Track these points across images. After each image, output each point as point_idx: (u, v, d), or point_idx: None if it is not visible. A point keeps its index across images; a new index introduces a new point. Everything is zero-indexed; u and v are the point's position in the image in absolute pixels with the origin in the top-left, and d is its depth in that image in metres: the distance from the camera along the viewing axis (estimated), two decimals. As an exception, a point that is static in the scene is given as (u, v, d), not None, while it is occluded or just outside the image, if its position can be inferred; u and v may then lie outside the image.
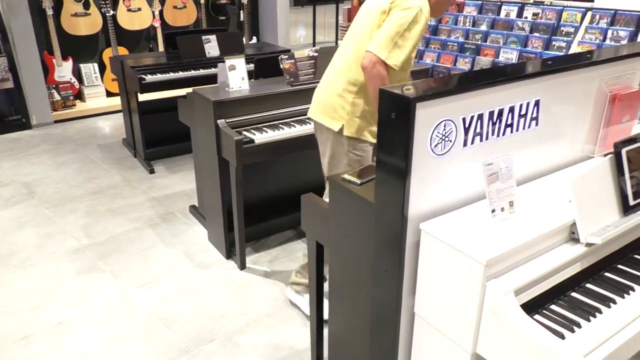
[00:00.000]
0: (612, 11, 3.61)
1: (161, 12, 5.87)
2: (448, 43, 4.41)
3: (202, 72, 4.18)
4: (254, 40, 6.77)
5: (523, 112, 1.58)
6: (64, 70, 5.44)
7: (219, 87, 2.95)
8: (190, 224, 3.45)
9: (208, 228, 3.25)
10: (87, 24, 5.42)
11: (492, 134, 1.53)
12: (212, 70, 4.17)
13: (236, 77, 2.83)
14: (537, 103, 1.60)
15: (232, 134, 2.61)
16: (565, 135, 1.75)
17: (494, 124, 1.52)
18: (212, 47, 4.30)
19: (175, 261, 3.03)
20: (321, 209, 1.88)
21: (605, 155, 1.55)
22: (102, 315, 2.58)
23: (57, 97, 5.38)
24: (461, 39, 4.34)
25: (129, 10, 5.62)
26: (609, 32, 3.57)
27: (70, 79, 5.52)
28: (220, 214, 2.94)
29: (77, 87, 5.63)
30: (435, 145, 1.41)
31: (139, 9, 5.67)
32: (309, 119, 2.45)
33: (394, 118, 1.37)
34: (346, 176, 1.75)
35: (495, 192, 1.43)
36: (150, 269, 2.96)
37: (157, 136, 4.41)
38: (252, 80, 3.19)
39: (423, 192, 1.45)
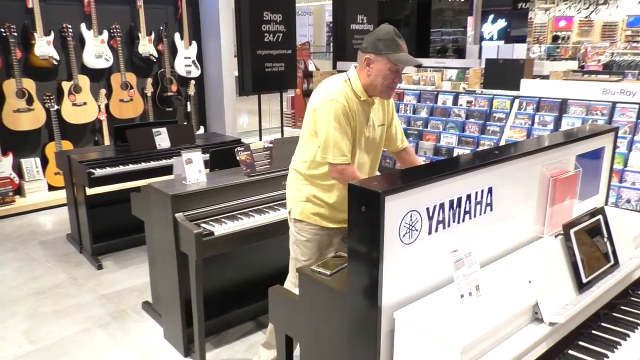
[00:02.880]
0: (537, 98, 3.98)
1: (107, 106, 5.90)
2: (391, 129, 4.66)
3: (153, 164, 4.18)
4: (202, 130, 6.88)
5: (479, 199, 1.69)
6: (3, 165, 5.27)
7: (174, 180, 2.96)
8: (144, 321, 3.30)
9: (164, 325, 3.11)
10: (30, 119, 5.35)
11: (453, 221, 1.62)
12: (164, 162, 4.18)
13: (193, 170, 2.85)
14: (490, 190, 1.72)
15: (191, 228, 2.60)
16: (516, 217, 1.87)
17: (454, 211, 1.61)
18: (162, 139, 4.33)
19: (129, 364, 2.86)
20: (291, 301, 1.87)
21: (555, 235, 1.67)
22: None
23: (-5, 193, 5.17)
24: (404, 125, 4.61)
25: (74, 104, 5.61)
26: (536, 117, 3.92)
27: (10, 174, 5.34)
28: (177, 309, 2.84)
29: (17, 182, 5.44)
30: (404, 235, 1.48)
31: (85, 103, 5.68)
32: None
33: (364, 211, 1.43)
34: (315, 267, 1.77)
35: (462, 277, 1.49)
36: (102, 374, 2.78)
37: (106, 230, 4.28)
38: (208, 171, 3.23)
39: (395, 280, 1.49)
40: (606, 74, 7.00)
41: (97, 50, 5.74)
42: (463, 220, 1.65)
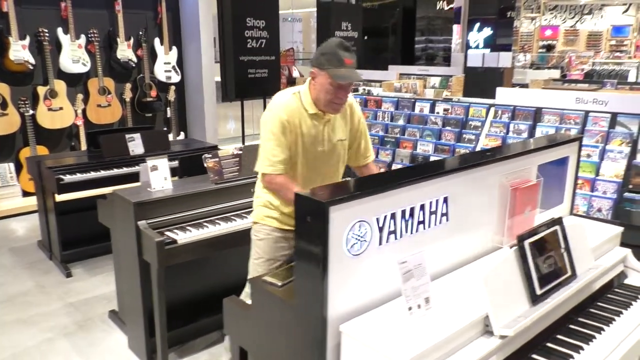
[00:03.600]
0: (512, 107, 3.98)
1: (84, 111, 5.82)
2: (370, 136, 4.63)
3: (125, 170, 4.11)
4: (182, 136, 6.82)
5: (433, 209, 1.66)
6: (-24, 170, 5.18)
7: (141, 187, 2.91)
8: (110, 330, 3.23)
9: (128, 334, 3.05)
10: (4, 124, 5.26)
11: (406, 232, 1.59)
12: (137, 168, 4.10)
13: (158, 177, 2.80)
14: (445, 200, 1.69)
15: (153, 235, 2.54)
16: (474, 228, 1.85)
17: (406, 222, 1.58)
18: (136, 145, 4.27)
19: (91, 375, 2.80)
20: (243, 312, 1.83)
21: (512, 246, 1.65)
22: None
23: (-34, 198, 5.07)
24: (381, 133, 4.59)
25: (50, 109, 5.53)
26: (511, 126, 3.91)
27: (-17, 179, 5.25)
28: (141, 318, 2.78)
29: (-10, 187, 5.35)
30: (352, 246, 1.45)
31: (61, 108, 5.60)
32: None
33: (309, 221, 1.40)
34: (267, 278, 1.73)
35: (410, 289, 1.46)
36: (62, 386, 2.71)
37: (76, 237, 4.20)
38: (177, 178, 3.19)
39: (342, 292, 1.46)
40: (586, 83, 7.06)
41: (74, 55, 5.67)
42: (417, 231, 1.62)
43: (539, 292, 1.63)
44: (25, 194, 5.54)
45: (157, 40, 6.39)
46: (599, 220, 2.74)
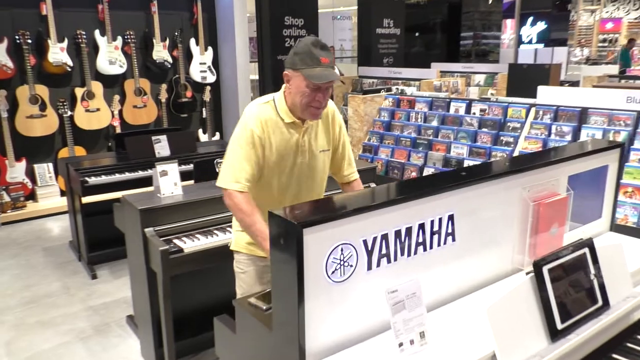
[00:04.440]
0: (555, 107, 3.67)
1: (120, 112, 5.88)
2: (401, 138, 4.42)
3: (150, 172, 4.06)
4: (217, 136, 6.80)
5: (435, 228, 1.46)
6: (16, 171, 5.32)
7: (152, 192, 2.83)
8: (125, 336, 3.18)
9: (141, 341, 2.99)
10: (43, 125, 5.38)
11: (402, 254, 1.40)
12: (161, 171, 4.07)
13: (168, 182, 2.72)
14: (451, 217, 1.49)
15: (158, 244, 2.45)
16: (488, 248, 1.63)
17: (402, 243, 1.39)
18: (162, 147, 4.24)
19: (101, 383, 2.75)
20: (231, 334, 1.69)
21: (528, 272, 1.42)
22: None
23: (6, 198, 5.21)
24: (414, 135, 4.37)
25: (87, 110, 5.62)
26: (553, 128, 3.60)
27: (23, 179, 5.39)
28: (150, 327, 2.71)
29: (30, 187, 5.49)
30: (333, 272, 1.27)
31: (98, 109, 5.68)
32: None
33: (282, 244, 1.24)
34: (252, 300, 1.58)
35: (401, 322, 1.27)
36: (71, 393, 2.67)
37: (103, 238, 4.20)
38: (193, 183, 3.10)
39: (323, 324, 1.29)
40: (646, 80, 6.52)
41: (110, 57, 5.73)
42: (415, 253, 1.43)
43: (560, 326, 1.40)
44: (63, 193, 5.65)
45: (192, 41, 6.38)
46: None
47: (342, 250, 1.27)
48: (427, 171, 4.08)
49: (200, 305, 3.02)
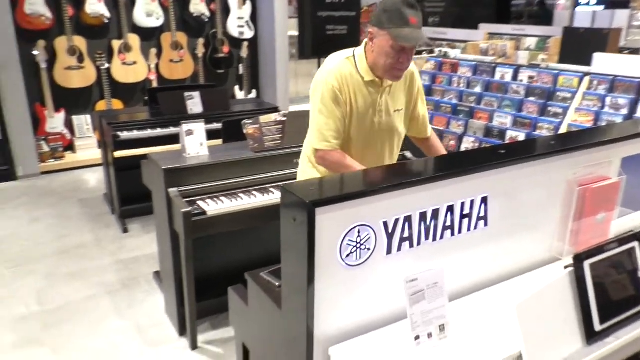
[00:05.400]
0: (611, 77, 3.38)
1: (157, 66, 5.83)
2: (441, 104, 4.21)
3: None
4: (254, 94, 6.69)
5: (466, 211, 1.33)
6: (55, 121, 5.38)
7: (180, 151, 2.77)
8: (151, 292, 3.21)
9: (165, 299, 3.00)
10: (81, 77, 5.39)
11: (427, 239, 1.29)
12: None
13: (194, 142, 2.65)
14: (484, 200, 1.35)
15: (180, 205, 2.40)
16: (524, 234, 1.49)
17: (427, 226, 1.27)
18: (195, 103, 4.17)
19: (125, 336, 2.78)
20: (244, 307, 1.63)
21: (567, 266, 1.29)
22: (28, 402, 2.33)
23: (45, 148, 5.30)
24: (455, 101, 4.15)
25: (124, 63, 5.59)
26: (608, 100, 3.33)
27: (62, 130, 5.46)
28: (172, 287, 2.70)
29: (69, 138, 5.56)
30: (348, 255, 1.17)
31: (135, 63, 5.65)
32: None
33: (294, 222, 1.14)
34: (266, 275, 1.51)
35: (419, 314, 1.17)
36: (96, 345, 2.71)
37: (135, 193, 4.21)
38: (221, 143, 3.03)
39: (334, 309, 1.20)
40: None
41: (147, 9, 5.64)
42: (442, 238, 1.31)
43: (598, 327, 1.27)
44: (101, 145, 5.71)
45: (230, -6, 6.21)
46: None
47: (359, 232, 1.17)
48: (467, 140, 3.88)
49: (224, 268, 2.99)
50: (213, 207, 2.49)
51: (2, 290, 3.20)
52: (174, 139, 3.97)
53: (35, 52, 5.09)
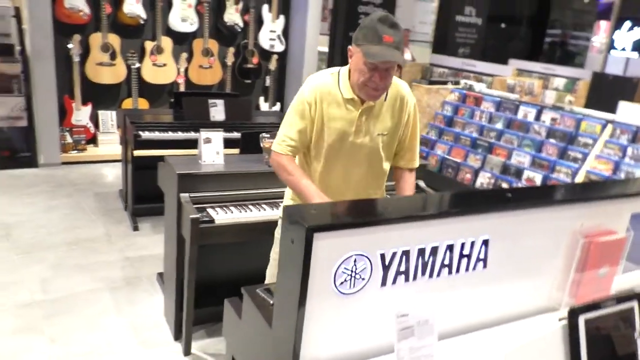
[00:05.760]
0: (635, 127, 3.35)
1: (186, 70, 5.94)
2: (461, 136, 4.21)
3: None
4: (278, 106, 6.76)
5: (466, 251, 1.33)
6: (81, 114, 5.51)
7: (196, 157, 2.82)
8: (152, 292, 3.24)
9: (165, 302, 3.03)
10: (111, 74, 5.52)
11: (423, 274, 1.29)
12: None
13: (210, 150, 2.69)
14: (485, 242, 1.35)
15: (190, 210, 2.44)
16: (523, 279, 1.48)
17: (424, 262, 1.27)
18: (217, 111, 4.23)
19: (120, 334, 2.81)
20: (237, 320, 1.64)
21: (561, 318, 1.27)
22: (19, 389, 2.36)
23: (69, 139, 5.42)
24: (475, 134, 4.14)
25: (155, 64, 5.71)
26: (629, 150, 3.29)
27: (87, 123, 5.58)
28: (173, 291, 2.73)
29: (92, 132, 5.68)
30: (342, 283, 1.18)
31: (165, 65, 5.76)
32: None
33: (292, 244, 1.15)
34: (261, 291, 1.52)
35: (407, 350, 1.17)
36: (92, 339, 2.74)
37: (150, 192, 4.27)
38: (239, 153, 3.08)
39: (324, 335, 1.20)
40: None
41: (183, 14, 5.77)
42: (438, 276, 1.31)
43: (587, 385, 1.25)
44: (122, 142, 5.81)
45: (265, 7, 6.32)
46: None
47: (355, 261, 1.17)
48: (483, 175, 3.86)
49: (226, 277, 2.99)
50: (222, 216, 2.52)
51: (10, 275, 3.27)
52: (194, 143, 4.01)
53: (70, 46, 5.23)
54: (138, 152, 3.96)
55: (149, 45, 5.66)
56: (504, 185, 3.71)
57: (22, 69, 5.02)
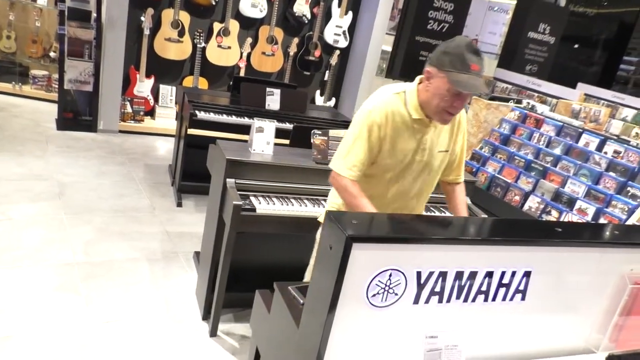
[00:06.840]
0: None
1: (249, 55, 6.02)
2: (515, 157, 4.08)
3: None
4: (333, 101, 6.76)
5: (505, 280, 1.29)
6: (144, 86, 5.68)
7: (247, 144, 2.85)
8: (187, 269, 3.32)
9: (198, 280, 3.09)
10: (177, 50, 5.66)
11: (457, 298, 1.26)
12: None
13: (261, 140, 2.72)
14: (527, 274, 1.31)
15: (233, 196, 2.48)
16: (562, 318, 1.42)
17: (461, 286, 1.25)
18: (273, 100, 4.27)
19: (152, 306, 2.89)
20: (265, 313, 1.66)
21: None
22: (53, 340, 2.46)
23: (129, 109, 5.61)
24: (530, 157, 4.01)
25: (219, 46, 5.81)
26: (695, 195, 3.11)
27: (148, 95, 5.75)
28: (207, 272, 2.78)
29: (152, 104, 5.85)
30: (374, 295, 1.17)
31: (229, 47, 5.86)
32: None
33: (330, 249, 1.15)
34: (293, 289, 1.52)
35: (431, 373, 1.14)
36: (124, 306, 2.83)
37: (198, 171, 4.37)
38: (288, 144, 3.09)
39: (349, 343, 1.20)
40: None
41: (254, 0, 5.84)
42: (473, 301, 1.28)
43: None
44: (178, 118, 5.97)
45: (335, 2, 6.31)
46: None
47: (390, 275, 1.16)
48: (533, 199, 3.74)
49: (260, 266, 3.05)
50: (264, 205, 2.55)
51: (57, 233, 3.42)
52: (246, 128, 4.08)
53: (142, 18, 5.40)
54: (192, 131, 4.05)
55: (217, 26, 5.76)
56: (554, 212, 3.58)
57: (95, 36, 5.22)
